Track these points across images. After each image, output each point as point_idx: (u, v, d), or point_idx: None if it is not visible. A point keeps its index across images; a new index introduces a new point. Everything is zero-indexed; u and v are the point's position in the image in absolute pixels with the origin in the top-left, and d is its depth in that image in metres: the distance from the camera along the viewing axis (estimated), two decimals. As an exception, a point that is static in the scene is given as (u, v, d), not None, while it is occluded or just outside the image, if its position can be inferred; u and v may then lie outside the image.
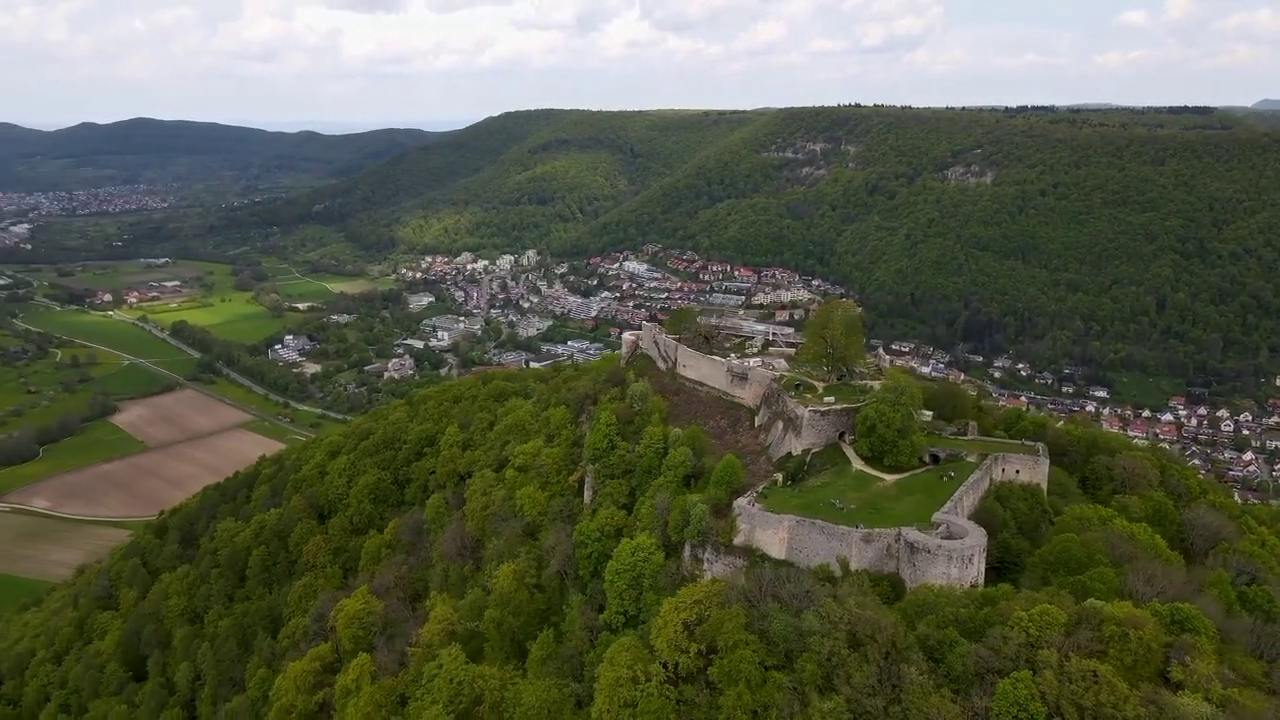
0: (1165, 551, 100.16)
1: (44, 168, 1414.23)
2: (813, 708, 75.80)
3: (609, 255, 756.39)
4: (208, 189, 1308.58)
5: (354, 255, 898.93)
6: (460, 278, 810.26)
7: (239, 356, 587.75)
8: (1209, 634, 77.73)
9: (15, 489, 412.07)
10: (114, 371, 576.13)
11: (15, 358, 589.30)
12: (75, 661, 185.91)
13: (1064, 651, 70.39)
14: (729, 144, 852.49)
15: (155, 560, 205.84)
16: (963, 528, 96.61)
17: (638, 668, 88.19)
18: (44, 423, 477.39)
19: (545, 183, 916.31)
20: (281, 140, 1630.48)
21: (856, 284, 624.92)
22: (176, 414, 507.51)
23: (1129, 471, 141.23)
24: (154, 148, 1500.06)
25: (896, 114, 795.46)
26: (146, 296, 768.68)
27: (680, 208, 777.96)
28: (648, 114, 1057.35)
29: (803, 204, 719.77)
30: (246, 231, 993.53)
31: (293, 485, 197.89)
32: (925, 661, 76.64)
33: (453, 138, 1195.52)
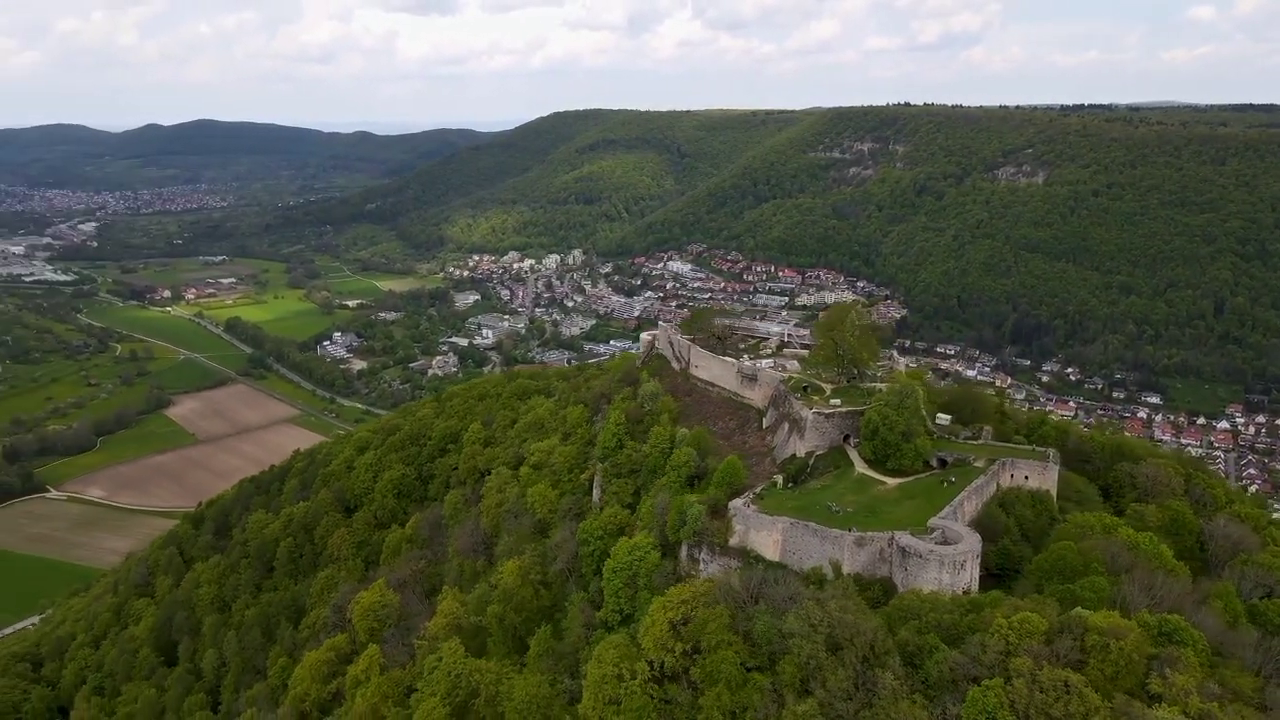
0: (1170, 561, 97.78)
1: (111, 168, 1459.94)
2: (787, 710, 75.77)
3: (653, 255, 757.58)
4: (265, 188, 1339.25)
5: (403, 254, 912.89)
6: (506, 276, 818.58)
7: (289, 352, 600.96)
8: (1197, 646, 75.93)
9: (73, 478, 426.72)
10: (170, 366, 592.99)
11: (78, 351, 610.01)
12: (111, 646, 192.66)
13: (1039, 660, 69.36)
14: (776, 144, 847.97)
15: (191, 550, 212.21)
16: (958, 533, 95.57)
17: (624, 665, 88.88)
18: (102, 415, 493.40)
19: (592, 182, 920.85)
20: (337, 140, 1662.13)
21: (902, 286, 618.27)
22: (227, 408, 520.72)
23: (1151, 479, 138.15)
24: (215, 148, 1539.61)
25: (947, 113, 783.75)
26: (204, 293, 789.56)
27: (726, 208, 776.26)
28: (696, 114, 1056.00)
29: (849, 204, 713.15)
30: (301, 230, 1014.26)
31: (321, 479, 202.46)
32: (903, 667, 76.17)
33: (503, 138, 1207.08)
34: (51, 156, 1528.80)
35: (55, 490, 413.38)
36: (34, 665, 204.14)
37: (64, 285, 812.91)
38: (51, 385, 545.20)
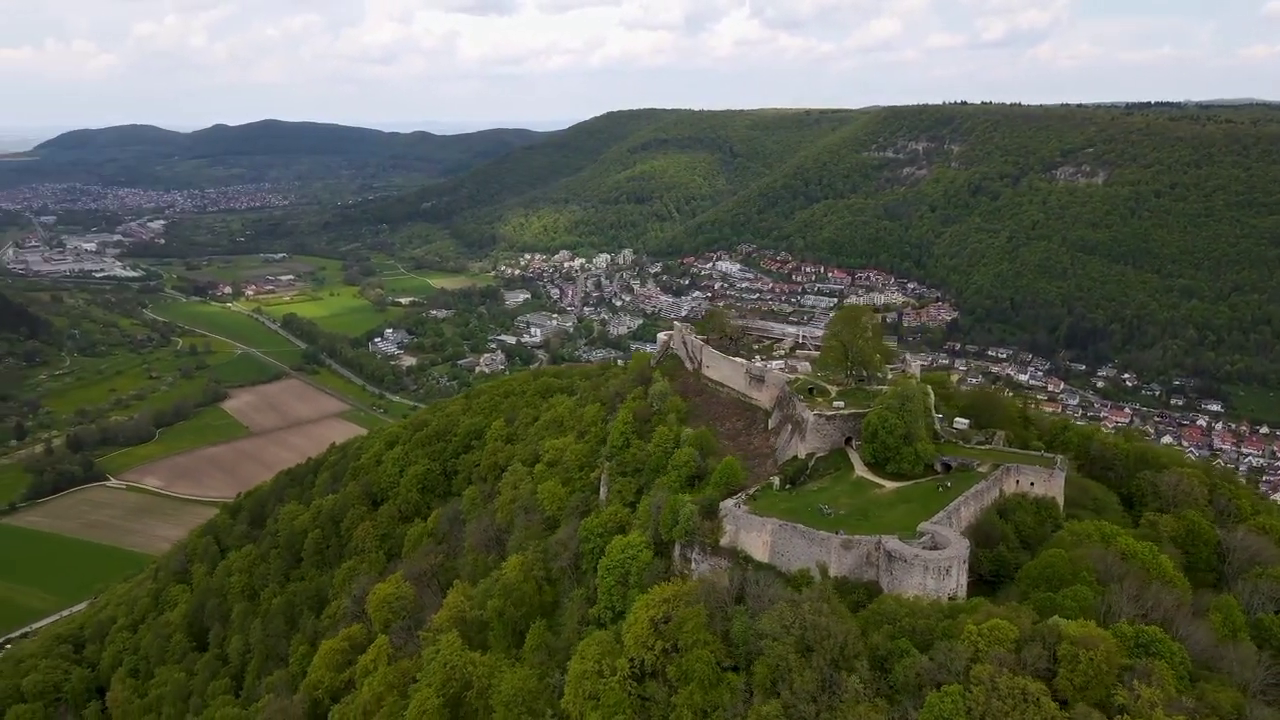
0: (1168, 572, 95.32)
1: (180, 167, 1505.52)
2: (753, 710, 75.96)
3: (703, 255, 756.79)
4: (326, 187, 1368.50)
5: (457, 252, 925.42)
6: (557, 275, 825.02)
7: (341, 348, 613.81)
8: (1175, 659, 74.15)
9: (132, 468, 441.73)
10: (227, 360, 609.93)
11: (141, 345, 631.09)
12: (148, 630, 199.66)
13: (1001, 668, 68.45)
14: (828, 143, 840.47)
15: (227, 539, 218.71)
16: (947, 538, 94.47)
17: (604, 662, 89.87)
18: (162, 407, 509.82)
19: (644, 182, 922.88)
20: (396, 140, 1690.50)
21: (953, 287, 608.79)
22: (280, 402, 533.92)
23: (1173, 489, 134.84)
24: (279, 148, 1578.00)
25: (1005, 112, 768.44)
26: (263, 289, 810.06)
27: (776, 208, 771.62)
28: (749, 113, 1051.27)
29: (901, 205, 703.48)
30: (358, 228, 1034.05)
31: (351, 473, 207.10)
32: (872, 671, 75.78)
33: (557, 137, 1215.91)
34: (125, 156, 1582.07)
35: (114, 479, 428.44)
36: (76, 647, 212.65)
37: (132, 281, 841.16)
38: (116, 378, 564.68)
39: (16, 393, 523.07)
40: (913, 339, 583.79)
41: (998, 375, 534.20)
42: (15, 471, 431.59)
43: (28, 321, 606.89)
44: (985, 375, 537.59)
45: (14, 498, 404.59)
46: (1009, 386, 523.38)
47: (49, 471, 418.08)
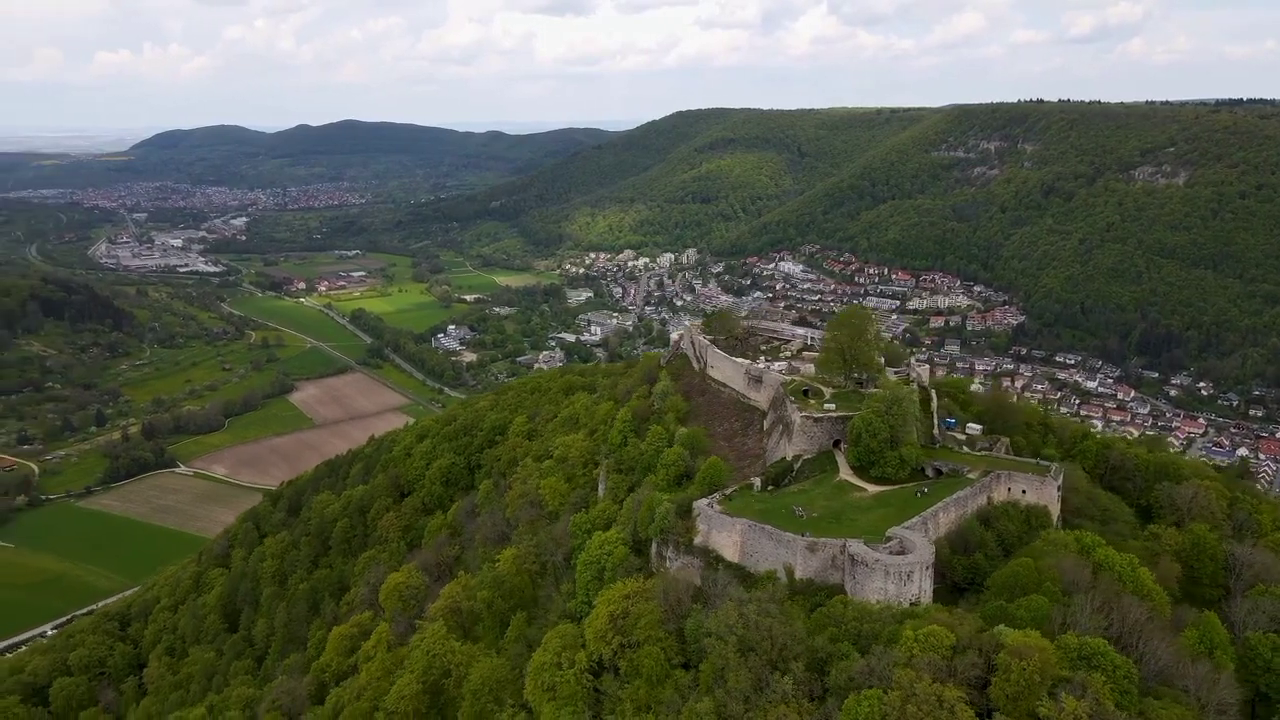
0: (1146, 586, 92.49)
1: (264, 166, 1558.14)
2: (687, 707, 76.52)
3: (766, 255, 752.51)
4: (401, 186, 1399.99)
5: (523, 250, 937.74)
6: (620, 274, 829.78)
7: (405, 343, 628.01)
8: (1119, 673, 72.15)
9: (200, 456, 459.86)
10: (297, 354, 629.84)
11: (217, 338, 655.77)
12: (186, 611, 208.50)
13: (923, 673, 67.69)
14: (897, 143, 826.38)
15: (266, 525, 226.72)
16: (913, 543, 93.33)
17: (564, 654, 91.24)
18: (232, 397, 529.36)
19: (709, 181, 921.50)
20: (471, 140, 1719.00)
21: (1021, 290, 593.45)
22: (344, 395, 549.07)
23: (1188, 501, 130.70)
24: (358, 147, 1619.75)
25: (1081, 110, 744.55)
26: (335, 285, 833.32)
27: (842, 208, 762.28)
28: (819, 113, 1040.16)
29: (970, 206, 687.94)
30: (429, 226, 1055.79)
31: (381, 465, 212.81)
32: (809, 673, 75.57)
33: (626, 137, 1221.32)
34: (213, 156, 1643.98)
35: (184, 466, 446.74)
36: (122, 624, 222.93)
37: (213, 276, 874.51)
38: (191, 369, 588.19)
39: (99, 382, 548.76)
40: (976, 343, 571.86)
41: (1064, 382, 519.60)
42: (94, 457, 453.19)
43: (113, 314, 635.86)
44: (1051, 382, 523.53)
45: (91, 482, 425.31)
46: (1075, 394, 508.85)
47: (123, 457, 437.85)
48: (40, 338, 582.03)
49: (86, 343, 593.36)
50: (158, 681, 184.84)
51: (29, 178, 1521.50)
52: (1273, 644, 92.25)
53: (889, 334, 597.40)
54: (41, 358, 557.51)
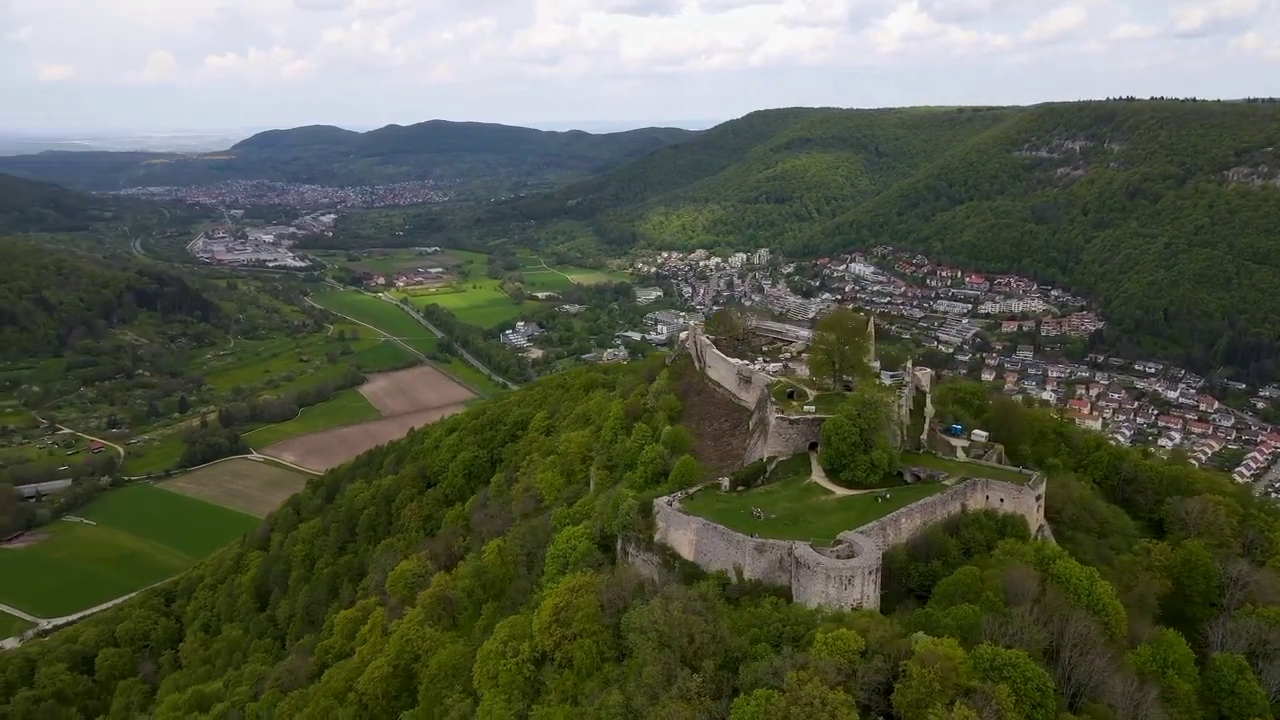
0: (1103, 600, 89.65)
1: (355, 165, 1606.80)
2: (600, 700, 77.80)
3: (837, 256, 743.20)
4: (484, 184, 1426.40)
5: (597, 249, 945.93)
6: (691, 274, 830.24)
7: (474, 339, 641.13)
8: (1030, 685, 70.67)
9: (272, 443, 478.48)
10: (371, 347, 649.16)
11: (297, 330, 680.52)
12: (224, 590, 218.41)
13: (814, 676, 67.56)
14: (977, 142, 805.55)
15: (304, 510, 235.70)
16: (861, 548, 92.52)
17: (510, 644, 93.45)
18: (306, 388, 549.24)
19: (784, 181, 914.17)
20: (553, 139, 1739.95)
21: (1101, 296, 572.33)
22: (411, 388, 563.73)
23: (1195, 515, 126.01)
24: (445, 147, 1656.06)
25: (1173, 108, 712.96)
26: (413, 281, 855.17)
27: (917, 209, 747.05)
28: (898, 112, 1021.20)
29: (1050, 207, 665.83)
30: (507, 224, 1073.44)
31: (412, 456, 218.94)
32: (723, 671, 76.05)
33: (703, 136, 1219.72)
34: (308, 155, 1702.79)
35: (256, 453, 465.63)
36: (167, 600, 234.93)
37: (299, 271, 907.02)
38: (271, 360, 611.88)
39: (185, 370, 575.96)
40: (1050, 349, 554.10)
41: (1143, 391, 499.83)
42: (175, 441, 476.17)
43: (201, 306, 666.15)
44: (1129, 391, 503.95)
45: (170, 465, 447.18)
46: (1154, 403, 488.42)
47: (200, 442, 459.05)
48: (134, 327, 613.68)
49: (176, 333, 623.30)
50: (190, 656, 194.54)
51: (139, 176, 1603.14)
52: (1238, 666, 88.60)
53: (958, 338, 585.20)
54: (134, 346, 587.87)
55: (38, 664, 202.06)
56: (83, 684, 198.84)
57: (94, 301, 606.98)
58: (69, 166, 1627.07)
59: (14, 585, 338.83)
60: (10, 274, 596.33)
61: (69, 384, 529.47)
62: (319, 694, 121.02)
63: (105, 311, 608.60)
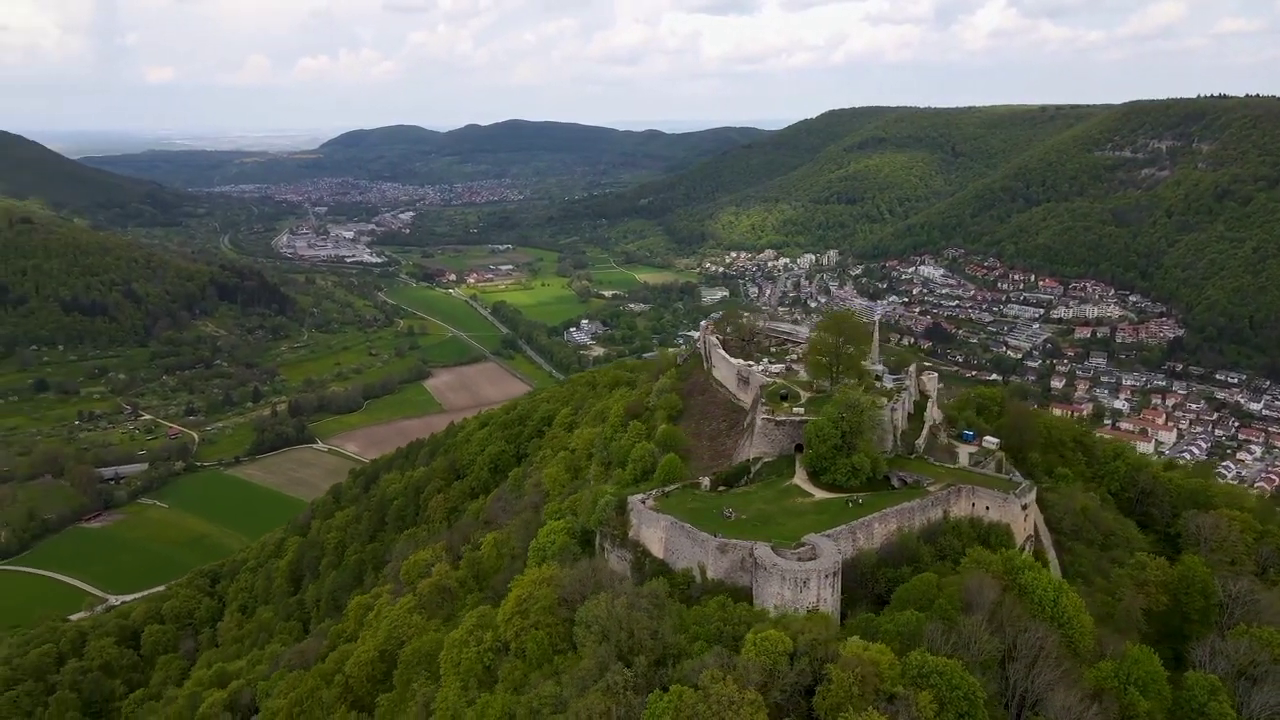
0: (1068, 613, 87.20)
1: (434, 163, 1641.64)
2: (537, 691, 79.26)
3: (906, 258, 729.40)
4: (559, 183, 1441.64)
5: (666, 248, 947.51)
6: (759, 274, 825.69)
7: (538, 336, 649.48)
8: (955, 694, 69.48)
9: (337, 434, 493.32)
10: (438, 342, 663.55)
11: (368, 324, 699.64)
12: (263, 573, 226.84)
13: (726, 675, 67.78)
14: (1058, 142, 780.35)
15: (343, 499, 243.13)
16: (823, 551, 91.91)
17: (475, 633, 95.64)
18: (372, 381, 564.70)
19: (856, 181, 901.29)
20: (629, 139, 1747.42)
21: (1182, 302, 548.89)
22: (474, 383, 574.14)
23: (1207, 531, 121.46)
24: (522, 146, 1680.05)
25: (1270, 106, 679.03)
26: (484, 278, 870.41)
27: (991, 211, 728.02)
28: (978, 110, 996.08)
29: (1132, 210, 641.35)
30: (579, 223, 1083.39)
31: (444, 449, 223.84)
32: (655, 668, 76.69)
33: (777, 136, 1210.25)
34: (391, 154, 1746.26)
35: (321, 443, 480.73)
36: (212, 581, 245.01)
37: (374, 266, 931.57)
38: (342, 353, 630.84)
39: (260, 361, 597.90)
40: (1125, 356, 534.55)
41: (1224, 402, 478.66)
42: (246, 430, 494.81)
43: (279, 300, 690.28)
44: (1209, 401, 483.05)
45: (240, 452, 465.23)
46: (1235, 415, 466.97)
47: (269, 431, 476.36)
48: (214, 319, 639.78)
49: (253, 325, 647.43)
50: (226, 635, 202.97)
51: (232, 174, 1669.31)
52: (1210, 686, 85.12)
53: (1028, 343, 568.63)
54: (213, 338, 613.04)
55: (89, 637, 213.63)
56: (128, 658, 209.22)
57: (179, 294, 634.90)
58: (169, 165, 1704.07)
59: (89, 562, 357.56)
60: (103, 266, 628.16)
61: (152, 372, 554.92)
62: (310, 674, 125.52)
63: (189, 303, 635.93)
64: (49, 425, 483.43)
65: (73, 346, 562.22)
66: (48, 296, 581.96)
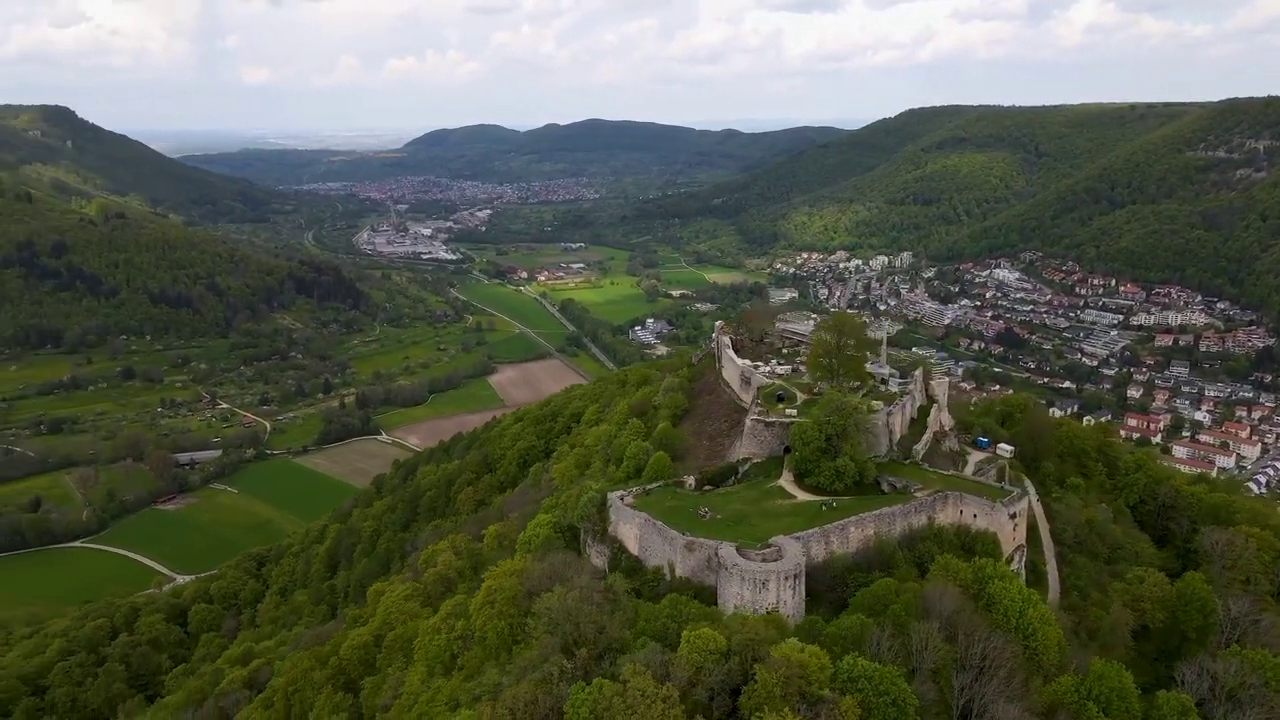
0: (1033, 625, 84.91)
1: (514, 162, 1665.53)
2: (481, 678, 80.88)
3: (981, 261, 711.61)
4: (635, 182, 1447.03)
5: (737, 248, 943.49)
6: (829, 275, 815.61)
7: (602, 334, 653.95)
8: (883, 700, 68.49)
9: (400, 426, 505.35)
10: (505, 338, 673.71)
11: (439, 320, 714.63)
12: (303, 558, 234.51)
13: (647, 669, 68.16)
14: (1146, 142, 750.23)
15: (384, 489, 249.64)
16: (786, 552, 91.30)
17: (448, 620, 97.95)
18: (438, 375, 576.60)
19: (933, 182, 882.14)
20: (706, 138, 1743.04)
21: (1274, 309, 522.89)
22: (537, 379, 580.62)
23: (1223, 548, 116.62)
24: (600, 145, 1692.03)
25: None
26: (554, 275, 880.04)
27: (1073, 213, 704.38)
28: (1064, 109, 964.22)
29: (1224, 212, 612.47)
30: (652, 222, 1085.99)
31: (479, 443, 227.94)
32: (595, 661, 77.43)
33: (855, 135, 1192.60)
34: (472, 153, 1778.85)
35: (384, 435, 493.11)
36: (259, 564, 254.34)
37: (449, 263, 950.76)
38: (411, 347, 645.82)
39: (333, 354, 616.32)
40: (1209, 366, 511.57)
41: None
42: (315, 420, 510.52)
43: (353, 294, 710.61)
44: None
45: (307, 441, 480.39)
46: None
47: (336, 422, 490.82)
48: (291, 312, 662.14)
49: (328, 319, 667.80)
50: (264, 616, 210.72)
51: (320, 172, 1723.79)
52: (1181, 707, 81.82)
53: (1104, 351, 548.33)
54: (289, 330, 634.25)
55: (141, 613, 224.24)
56: (175, 634, 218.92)
57: (258, 287, 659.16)
58: (262, 163, 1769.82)
59: (162, 542, 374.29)
60: (190, 260, 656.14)
61: (231, 363, 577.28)
62: (307, 655, 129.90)
63: (268, 297, 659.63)
64: (134, 411, 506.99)
65: (159, 336, 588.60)
66: (137, 289, 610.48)
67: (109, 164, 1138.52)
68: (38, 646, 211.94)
